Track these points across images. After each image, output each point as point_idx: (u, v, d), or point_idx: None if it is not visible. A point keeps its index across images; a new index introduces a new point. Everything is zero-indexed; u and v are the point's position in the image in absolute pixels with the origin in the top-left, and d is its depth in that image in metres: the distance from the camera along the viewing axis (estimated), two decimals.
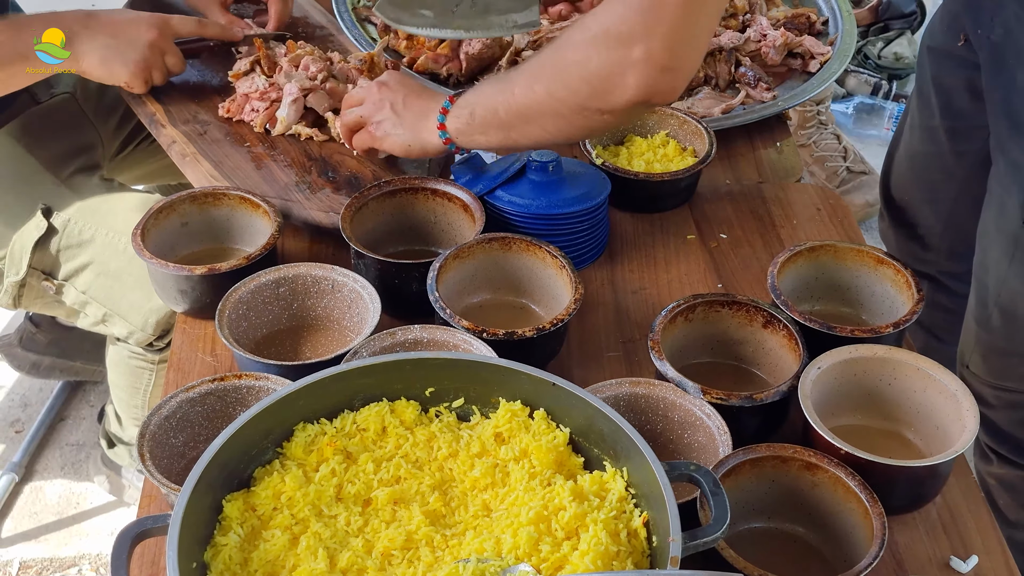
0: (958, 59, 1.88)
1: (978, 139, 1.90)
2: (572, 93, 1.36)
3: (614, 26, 1.29)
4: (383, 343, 1.31)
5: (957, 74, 1.90)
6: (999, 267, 1.67)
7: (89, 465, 2.45)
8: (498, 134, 1.46)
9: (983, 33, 1.70)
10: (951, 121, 1.95)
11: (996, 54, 1.66)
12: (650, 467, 1.03)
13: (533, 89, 1.38)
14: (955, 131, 1.96)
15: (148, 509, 1.26)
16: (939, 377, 1.27)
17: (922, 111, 2.01)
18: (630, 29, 1.28)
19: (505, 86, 1.43)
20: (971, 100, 1.88)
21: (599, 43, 1.31)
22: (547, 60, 1.39)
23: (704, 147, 1.70)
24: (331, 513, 1.07)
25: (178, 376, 1.41)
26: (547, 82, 1.37)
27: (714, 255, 1.62)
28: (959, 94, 1.91)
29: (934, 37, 1.96)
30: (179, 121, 1.74)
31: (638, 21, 1.27)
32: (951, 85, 1.93)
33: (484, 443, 1.14)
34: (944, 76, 1.94)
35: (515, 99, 1.40)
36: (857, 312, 1.48)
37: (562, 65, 1.36)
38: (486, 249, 1.46)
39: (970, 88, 1.88)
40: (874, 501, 1.14)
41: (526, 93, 1.39)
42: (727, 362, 1.41)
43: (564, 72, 1.35)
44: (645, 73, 1.30)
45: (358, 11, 2.08)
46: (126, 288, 1.86)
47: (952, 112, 1.94)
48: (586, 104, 1.36)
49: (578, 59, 1.33)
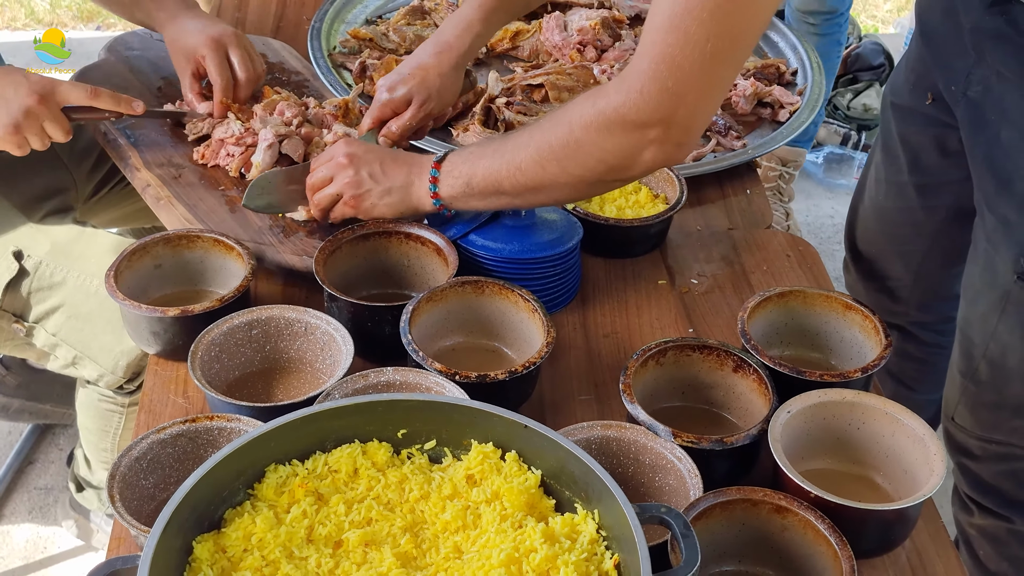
0: (926, 117, 1.88)
1: (948, 194, 1.92)
2: (588, 171, 1.37)
3: (630, 113, 1.29)
4: (356, 385, 1.31)
5: (926, 132, 1.90)
6: (987, 321, 1.68)
7: (57, 509, 2.43)
8: (499, 200, 1.48)
9: (957, 90, 1.70)
10: (920, 177, 1.96)
11: (975, 111, 1.66)
12: (621, 510, 1.03)
13: (544, 168, 1.39)
14: (924, 187, 1.96)
15: (117, 551, 1.25)
16: (907, 421, 1.28)
17: (888, 166, 2.02)
18: (647, 118, 1.29)
19: (506, 159, 1.42)
20: (940, 157, 1.89)
21: (614, 129, 1.32)
22: (557, 141, 1.38)
23: (675, 194, 1.72)
24: (302, 555, 1.06)
25: (149, 418, 1.41)
26: (562, 162, 1.38)
27: (685, 300, 1.63)
28: (928, 152, 1.92)
29: (898, 94, 1.96)
30: (154, 164, 1.74)
31: (655, 110, 1.28)
32: (919, 143, 1.93)
33: (456, 485, 1.14)
34: (911, 133, 1.94)
35: (523, 175, 1.41)
36: (826, 357, 1.50)
37: (575, 147, 1.36)
38: (459, 293, 1.46)
39: (939, 146, 1.88)
40: (844, 544, 1.14)
41: (536, 171, 1.40)
42: (698, 406, 1.42)
43: (579, 153, 1.36)
44: (662, 150, 1.33)
45: (333, 57, 2.10)
46: (97, 331, 1.85)
47: (921, 168, 1.95)
48: (602, 178, 1.39)
49: (593, 141, 1.34)
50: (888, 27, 4.86)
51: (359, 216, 1.56)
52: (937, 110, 1.83)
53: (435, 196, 1.49)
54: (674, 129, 1.31)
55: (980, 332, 1.70)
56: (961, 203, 1.80)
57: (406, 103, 1.73)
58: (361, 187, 1.53)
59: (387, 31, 2.17)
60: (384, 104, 1.73)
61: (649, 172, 1.40)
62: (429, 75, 1.73)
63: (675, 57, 1.24)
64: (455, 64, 1.75)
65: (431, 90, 1.73)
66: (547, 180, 1.40)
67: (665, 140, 1.31)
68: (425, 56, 1.75)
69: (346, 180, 1.53)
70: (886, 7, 5.03)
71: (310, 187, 1.59)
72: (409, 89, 1.72)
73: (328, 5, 2.22)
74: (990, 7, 1.59)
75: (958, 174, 1.80)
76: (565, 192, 1.44)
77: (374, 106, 1.74)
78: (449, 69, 1.74)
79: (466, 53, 1.76)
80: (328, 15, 2.20)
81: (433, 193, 1.49)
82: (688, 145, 1.34)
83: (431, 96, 1.73)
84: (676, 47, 1.23)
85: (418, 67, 1.74)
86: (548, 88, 1.99)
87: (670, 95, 1.27)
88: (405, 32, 2.15)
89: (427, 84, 1.73)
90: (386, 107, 1.73)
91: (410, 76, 1.73)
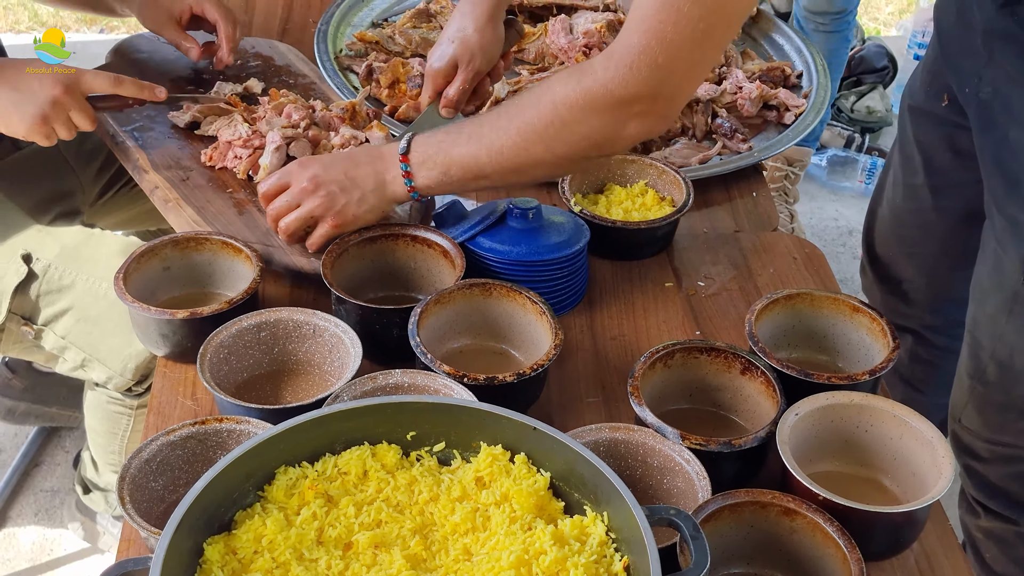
0: (939, 118, 1.89)
1: (959, 196, 1.92)
2: (572, 149, 1.38)
3: (618, 89, 1.30)
4: (364, 387, 1.32)
5: (938, 132, 1.91)
6: (995, 322, 1.68)
7: (63, 511, 2.43)
8: (479, 183, 1.49)
9: (970, 92, 1.70)
10: (933, 178, 1.97)
11: (985, 112, 1.67)
12: (631, 512, 1.03)
13: (528, 149, 1.39)
14: (937, 188, 1.97)
15: (127, 553, 1.25)
16: (915, 424, 1.28)
17: (905, 169, 2.03)
18: (635, 92, 1.30)
19: (485, 144, 1.42)
20: (953, 158, 1.90)
21: (601, 106, 1.32)
22: (540, 121, 1.38)
23: (682, 196, 1.72)
24: (312, 557, 1.06)
25: (158, 420, 1.41)
26: (547, 142, 1.38)
27: (692, 302, 1.64)
28: (941, 152, 1.93)
29: (915, 96, 1.97)
30: (161, 167, 1.75)
31: (643, 84, 1.29)
32: (933, 143, 1.94)
33: (465, 487, 1.14)
34: (926, 135, 1.95)
35: (505, 158, 1.41)
36: (833, 359, 1.50)
37: (561, 125, 1.36)
38: (467, 295, 1.47)
39: (951, 146, 1.89)
40: (852, 547, 1.14)
41: (519, 153, 1.40)
42: (705, 408, 1.42)
43: (564, 132, 1.36)
44: (646, 123, 1.34)
45: (340, 60, 2.10)
46: (105, 333, 1.85)
47: (934, 170, 1.96)
48: (586, 155, 1.40)
49: (579, 120, 1.35)
50: (891, 29, 4.86)
51: (343, 231, 1.54)
52: (951, 111, 1.84)
53: (412, 190, 1.49)
54: (660, 103, 1.32)
55: (988, 333, 1.70)
56: (972, 206, 1.81)
57: (454, 68, 1.76)
58: (336, 204, 1.51)
59: (393, 34, 2.17)
60: (435, 75, 1.77)
61: (631, 145, 1.42)
62: (468, 35, 1.76)
63: (667, 33, 1.25)
64: (490, 16, 1.77)
65: (472, 49, 1.76)
66: (531, 160, 1.41)
67: (649, 113, 1.33)
68: (460, 17, 1.78)
69: (317, 203, 1.51)
70: (888, 9, 5.03)
71: (272, 216, 1.56)
72: (453, 54, 1.76)
73: (334, 8, 2.22)
74: (1001, 8, 1.59)
75: (970, 176, 1.80)
76: (547, 170, 1.47)
77: (427, 80, 1.79)
78: (485, 22, 1.76)
79: (499, 3, 1.78)
80: (334, 18, 2.20)
81: (410, 187, 1.49)
82: (671, 118, 1.37)
83: (474, 54, 1.76)
84: (668, 24, 1.25)
85: (456, 30, 1.77)
86: None
87: (659, 70, 1.28)
88: (411, 35, 2.15)
89: (468, 44, 1.76)
90: (437, 77, 1.77)
91: (449, 41, 1.76)
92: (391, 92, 1.98)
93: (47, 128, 1.68)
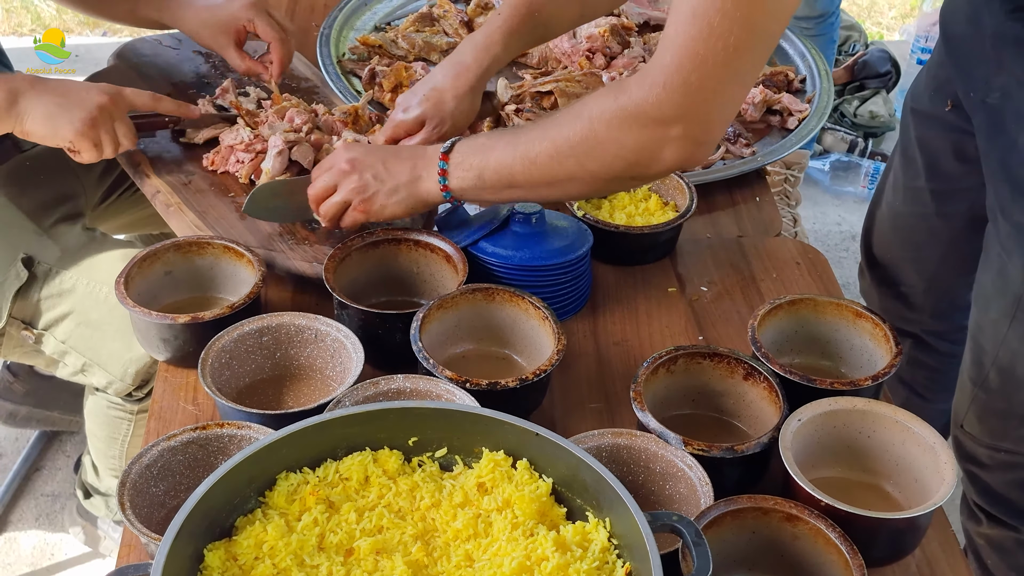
0: (944, 123, 1.89)
1: (963, 201, 1.92)
2: (607, 168, 1.37)
3: (652, 109, 1.29)
4: (366, 392, 1.31)
5: (944, 137, 1.91)
6: (998, 328, 1.68)
7: (64, 516, 2.43)
8: (511, 193, 1.46)
9: (977, 96, 1.70)
10: (937, 183, 1.96)
11: (993, 117, 1.67)
12: (633, 518, 1.03)
13: (560, 163, 1.37)
14: (941, 193, 1.97)
15: (127, 559, 1.25)
16: (917, 430, 1.28)
17: (906, 171, 2.02)
18: (669, 113, 1.29)
19: (520, 152, 1.40)
20: (957, 163, 1.90)
21: (634, 123, 1.31)
22: (575, 136, 1.36)
23: (685, 201, 1.72)
24: (313, 563, 1.06)
25: (159, 425, 1.41)
26: (579, 157, 1.36)
27: (695, 308, 1.63)
28: (945, 157, 1.92)
29: (919, 100, 1.97)
30: (163, 171, 1.75)
31: (677, 104, 1.28)
32: (937, 148, 1.93)
33: (467, 493, 1.14)
34: (930, 139, 1.95)
35: (537, 169, 1.39)
36: (836, 365, 1.49)
37: (594, 142, 1.35)
38: (469, 300, 1.46)
39: (956, 151, 1.89)
40: (854, 553, 1.14)
41: (552, 165, 1.38)
42: (708, 414, 1.42)
43: (598, 148, 1.35)
44: (682, 148, 1.32)
45: (343, 64, 2.10)
46: (106, 338, 1.85)
47: (938, 174, 1.95)
48: (620, 176, 1.38)
49: (613, 137, 1.33)
50: (893, 34, 4.86)
51: (371, 219, 1.54)
52: (956, 116, 1.83)
53: (445, 189, 1.47)
54: (695, 126, 1.30)
55: (991, 339, 1.70)
56: (976, 210, 1.80)
57: (419, 124, 1.72)
58: (367, 190, 1.51)
59: (396, 38, 2.17)
60: (397, 124, 1.72)
61: (669, 172, 1.38)
62: (444, 97, 1.72)
63: (698, 50, 1.23)
64: (472, 86, 1.73)
65: (444, 113, 1.72)
66: (562, 175, 1.39)
67: (685, 137, 1.30)
68: (441, 77, 1.73)
69: (351, 186, 1.51)
70: (891, 14, 5.03)
71: (314, 198, 1.56)
72: (423, 111, 1.71)
73: (337, 12, 2.22)
74: (1011, 13, 1.59)
75: (974, 181, 1.80)
76: (580, 188, 1.44)
77: (388, 125, 1.74)
78: (465, 91, 1.73)
79: (483, 75, 1.74)
80: (337, 22, 2.20)
81: (443, 186, 1.47)
82: (708, 144, 1.33)
83: (444, 119, 1.72)
84: (699, 40, 1.23)
85: (433, 89, 1.72)
86: (557, 95, 1.99)
87: (692, 89, 1.26)
88: (414, 39, 2.15)
89: (441, 107, 1.71)
90: (399, 127, 1.72)
91: (424, 98, 1.72)
92: (394, 96, 1.98)
93: (95, 133, 1.65)
